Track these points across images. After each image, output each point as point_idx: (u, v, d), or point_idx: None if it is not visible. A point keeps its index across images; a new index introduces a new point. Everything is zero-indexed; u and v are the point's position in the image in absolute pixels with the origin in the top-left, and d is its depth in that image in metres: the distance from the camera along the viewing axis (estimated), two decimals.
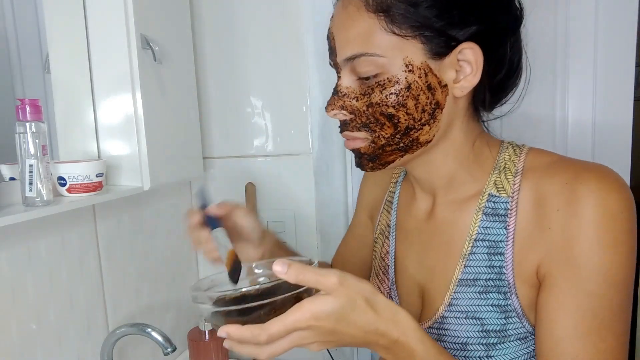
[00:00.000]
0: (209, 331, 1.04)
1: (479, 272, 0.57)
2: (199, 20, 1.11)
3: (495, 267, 0.56)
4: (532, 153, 0.59)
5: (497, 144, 0.61)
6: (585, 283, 0.50)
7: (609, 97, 0.94)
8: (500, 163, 0.59)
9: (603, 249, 0.49)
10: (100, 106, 0.88)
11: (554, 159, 0.56)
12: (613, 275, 0.49)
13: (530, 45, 0.97)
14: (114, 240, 0.93)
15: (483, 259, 0.57)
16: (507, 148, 0.60)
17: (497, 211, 0.57)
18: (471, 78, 0.53)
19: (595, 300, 0.49)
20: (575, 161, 0.55)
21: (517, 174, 0.57)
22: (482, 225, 0.58)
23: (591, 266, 0.49)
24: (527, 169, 0.57)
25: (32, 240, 0.75)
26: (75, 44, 0.86)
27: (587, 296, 0.50)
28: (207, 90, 1.14)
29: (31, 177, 0.68)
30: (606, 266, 0.49)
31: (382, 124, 0.54)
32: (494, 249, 0.57)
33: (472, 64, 0.52)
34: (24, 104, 0.68)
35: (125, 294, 0.96)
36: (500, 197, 0.57)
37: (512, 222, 0.56)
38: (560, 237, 0.51)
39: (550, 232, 0.52)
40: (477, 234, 0.58)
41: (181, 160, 1.01)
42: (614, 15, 0.92)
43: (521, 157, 0.58)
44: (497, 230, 0.57)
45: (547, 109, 0.98)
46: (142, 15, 0.86)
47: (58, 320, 0.80)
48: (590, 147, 0.96)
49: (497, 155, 0.60)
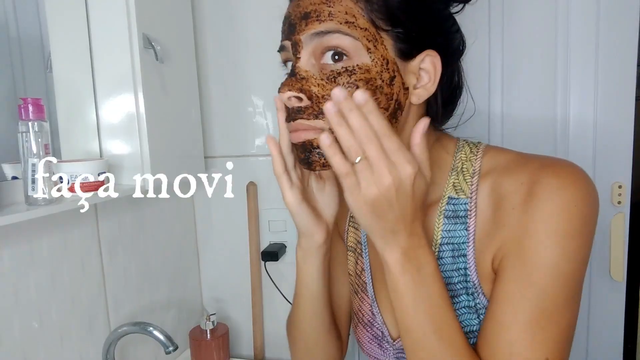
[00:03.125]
0: (210, 330, 1.04)
1: (448, 277, 0.57)
2: (201, 19, 1.11)
3: (460, 269, 0.57)
4: (489, 152, 0.58)
5: (453, 145, 0.61)
6: (531, 274, 0.49)
7: (611, 97, 0.94)
8: (457, 164, 0.59)
9: (552, 242, 0.49)
10: (102, 105, 0.88)
11: (511, 158, 0.56)
12: (560, 268, 0.49)
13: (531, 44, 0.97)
14: (116, 239, 0.93)
15: (449, 262, 0.57)
16: (463, 147, 0.60)
17: (457, 213, 0.57)
18: (430, 86, 0.53)
19: (540, 291, 0.49)
20: (533, 158, 0.54)
21: (475, 175, 0.57)
22: (444, 229, 0.58)
23: (539, 258, 0.49)
24: (484, 169, 0.57)
25: (34, 239, 0.75)
26: (78, 43, 0.86)
27: (531, 286, 0.49)
28: (209, 90, 1.14)
29: (33, 176, 0.68)
30: (554, 259, 0.49)
31: None
32: (457, 252, 0.57)
33: (430, 73, 0.53)
34: (27, 103, 0.68)
35: (127, 292, 0.96)
36: (460, 199, 0.57)
37: (472, 222, 0.56)
38: (514, 232, 0.51)
39: (505, 228, 0.53)
40: (441, 238, 0.58)
41: (183, 159, 1.01)
42: (615, 15, 0.92)
43: (478, 157, 0.58)
44: (459, 232, 0.57)
45: (548, 109, 0.98)
46: (144, 15, 0.86)
47: (60, 319, 0.80)
48: (592, 147, 0.96)
49: (454, 156, 0.59)
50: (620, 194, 0.96)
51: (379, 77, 0.51)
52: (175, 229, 1.12)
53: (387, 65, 0.51)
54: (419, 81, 0.54)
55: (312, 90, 0.51)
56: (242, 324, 1.20)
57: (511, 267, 0.51)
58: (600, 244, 0.99)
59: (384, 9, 0.50)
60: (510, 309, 0.50)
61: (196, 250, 1.21)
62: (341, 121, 0.46)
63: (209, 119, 1.15)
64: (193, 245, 1.20)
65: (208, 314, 1.05)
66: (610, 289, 1.00)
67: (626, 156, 0.95)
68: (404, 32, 0.51)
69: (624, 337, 1.01)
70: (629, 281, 1.01)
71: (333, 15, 0.50)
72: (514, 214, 0.52)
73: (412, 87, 0.54)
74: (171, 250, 1.10)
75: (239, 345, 1.22)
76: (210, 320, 1.05)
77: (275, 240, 1.14)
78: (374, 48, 0.50)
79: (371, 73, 0.50)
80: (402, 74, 0.52)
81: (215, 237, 1.19)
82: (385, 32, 0.51)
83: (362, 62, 0.50)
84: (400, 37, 0.51)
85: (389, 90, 0.51)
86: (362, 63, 0.50)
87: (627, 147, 0.95)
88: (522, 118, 0.99)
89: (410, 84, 0.53)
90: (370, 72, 0.50)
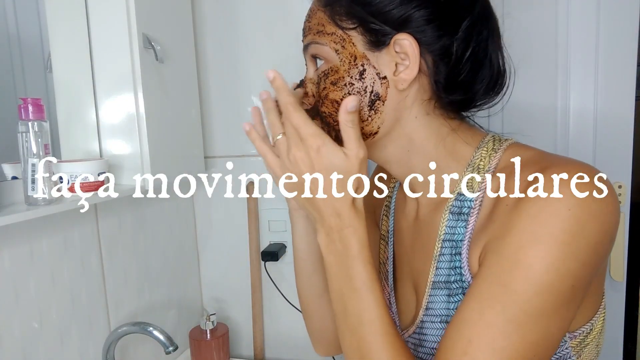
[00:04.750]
0: (210, 330, 1.04)
1: (446, 274, 0.56)
2: (201, 19, 1.11)
3: (456, 267, 0.55)
4: (511, 149, 0.55)
5: (477, 139, 0.57)
6: (504, 274, 0.46)
7: (611, 97, 0.94)
8: (475, 160, 0.56)
9: (532, 243, 0.44)
10: (102, 105, 0.88)
11: (530, 155, 0.53)
12: (537, 276, 0.44)
13: (532, 44, 0.97)
14: (116, 239, 0.93)
15: (447, 260, 0.56)
16: (487, 143, 0.56)
17: (462, 210, 0.55)
18: (409, 70, 0.52)
19: (510, 295, 0.45)
20: (551, 157, 0.51)
21: (489, 172, 0.54)
22: (448, 225, 0.56)
23: (515, 260, 0.45)
24: (501, 166, 0.54)
25: (34, 239, 0.75)
26: (77, 44, 0.86)
27: (502, 287, 0.45)
28: (209, 90, 1.14)
29: (33, 176, 0.68)
30: (532, 263, 0.44)
31: (330, 112, 0.55)
32: (455, 249, 0.55)
33: (408, 54, 0.52)
34: (27, 103, 0.68)
35: (127, 292, 0.96)
36: (467, 196, 0.55)
37: (471, 220, 0.54)
38: (499, 229, 0.49)
39: (493, 225, 0.50)
40: (444, 234, 0.56)
41: (183, 159, 1.01)
42: (615, 15, 0.92)
43: (498, 153, 0.55)
44: (459, 229, 0.55)
45: (549, 109, 0.98)
46: (144, 15, 0.86)
47: (60, 318, 0.80)
48: (592, 148, 0.96)
49: (474, 152, 0.56)
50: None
51: (346, 74, 0.54)
52: (175, 229, 1.12)
53: (355, 61, 0.53)
54: (400, 65, 0.53)
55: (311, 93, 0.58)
56: (242, 324, 1.20)
57: (487, 265, 0.48)
58: None
59: (344, 10, 0.53)
60: (477, 307, 0.47)
61: (196, 250, 1.21)
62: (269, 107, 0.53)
63: (209, 118, 1.15)
64: (193, 245, 1.20)
65: (208, 314, 1.05)
66: (610, 289, 0.99)
67: (626, 156, 0.95)
68: (365, 26, 0.53)
69: (624, 337, 1.01)
70: (629, 281, 1.01)
71: (310, 29, 0.56)
72: (505, 211, 0.49)
73: (391, 74, 0.53)
74: (171, 250, 1.10)
75: (239, 345, 1.22)
76: (210, 320, 1.05)
77: (275, 240, 1.14)
78: (342, 48, 0.54)
79: (339, 73, 0.54)
80: (374, 65, 0.53)
81: (215, 237, 1.19)
82: (352, 30, 0.53)
83: (333, 64, 0.55)
84: (365, 30, 0.53)
85: (360, 84, 0.53)
86: (334, 65, 0.54)
87: (627, 147, 0.95)
88: (522, 115, 0.99)
89: (389, 72, 0.53)
90: (338, 72, 0.54)
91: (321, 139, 0.50)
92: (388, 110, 0.54)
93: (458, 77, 0.54)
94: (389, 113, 0.55)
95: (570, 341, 0.51)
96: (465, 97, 0.55)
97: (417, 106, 0.55)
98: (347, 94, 0.53)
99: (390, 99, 0.54)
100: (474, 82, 0.54)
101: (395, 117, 0.55)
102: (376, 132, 0.55)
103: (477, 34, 0.53)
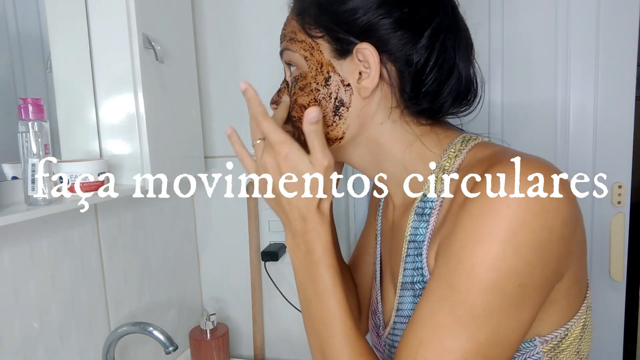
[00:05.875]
0: (210, 330, 1.05)
1: (411, 275, 0.57)
2: (201, 19, 1.11)
3: (418, 268, 0.55)
4: (475, 148, 0.55)
5: (448, 141, 0.57)
6: (451, 274, 0.46)
7: (611, 97, 0.94)
8: (443, 161, 0.56)
9: (474, 242, 0.44)
10: (102, 105, 0.88)
11: (489, 153, 0.53)
12: (479, 274, 0.44)
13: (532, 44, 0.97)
14: (116, 239, 0.93)
15: (411, 261, 0.57)
16: (455, 144, 0.56)
17: (424, 210, 0.56)
18: (370, 79, 0.54)
19: (456, 295, 0.45)
20: (505, 154, 0.50)
21: (452, 172, 0.54)
22: (413, 226, 0.57)
23: (458, 259, 0.45)
24: (463, 165, 0.54)
25: (34, 239, 0.75)
26: (78, 43, 0.86)
27: (449, 288, 0.46)
28: (209, 90, 1.14)
29: (33, 176, 0.68)
30: (472, 262, 0.44)
31: (299, 117, 0.57)
32: (418, 250, 0.56)
33: (369, 63, 0.53)
34: (27, 103, 0.68)
35: (127, 292, 0.96)
36: (429, 197, 0.56)
37: (432, 221, 0.54)
38: (448, 228, 0.49)
39: (446, 225, 0.51)
40: (409, 235, 0.57)
41: (183, 160, 1.01)
42: (615, 15, 0.92)
43: (462, 153, 0.55)
44: (421, 230, 0.55)
45: (549, 109, 0.98)
46: (144, 15, 0.86)
47: (60, 319, 0.80)
48: (592, 148, 0.96)
49: (442, 154, 0.56)
50: (620, 194, 0.96)
51: (313, 80, 0.56)
52: (175, 229, 1.12)
53: (321, 69, 0.56)
54: (363, 74, 0.54)
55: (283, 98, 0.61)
56: (242, 324, 1.20)
57: (438, 265, 0.49)
58: (600, 244, 0.99)
59: (313, 19, 0.56)
60: (428, 307, 0.47)
61: (196, 250, 1.21)
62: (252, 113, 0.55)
63: (209, 118, 1.15)
64: (193, 245, 1.20)
65: (208, 314, 1.05)
66: (610, 289, 1.00)
67: (626, 156, 0.95)
68: (331, 34, 0.55)
69: (624, 337, 1.01)
70: (629, 281, 1.01)
71: (285, 37, 0.59)
72: (455, 211, 0.49)
73: (355, 82, 0.55)
74: (171, 250, 1.10)
75: (239, 345, 1.22)
76: (210, 320, 1.05)
77: (275, 240, 1.14)
78: (310, 55, 0.56)
79: (307, 78, 0.56)
80: (339, 72, 0.55)
81: (215, 237, 1.19)
82: (319, 39, 0.56)
83: (302, 70, 0.57)
84: (331, 39, 0.55)
85: (325, 90, 0.56)
86: (303, 71, 0.57)
87: (627, 147, 0.95)
88: (522, 117, 1.00)
89: (352, 80, 0.55)
90: (306, 78, 0.57)
91: (288, 145, 0.52)
92: (352, 116, 0.56)
93: (422, 87, 0.54)
94: (353, 119, 0.56)
95: (542, 346, 0.50)
96: (431, 106, 0.55)
97: (381, 113, 0.56)
98: (313, 99, 0.56)
99: (354, 105, 0.56)
100: (439, 92, 0.55)
101: (359, 123, 0.57)
102: (341, 137, 0.57)
103: (441, 44, 0.53)
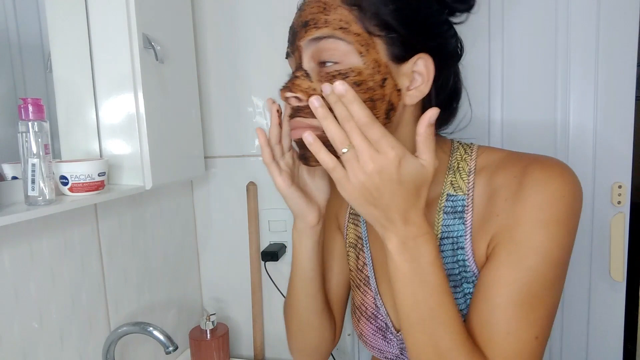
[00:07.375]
0: (210, 330, 1.05)
1: (449, 269, 0.61)
2: (201, 19, 1.11)
3: (459, 260, 0.61)
4: (482, 152, 0.63)
5: (448, 146, 0.65)
6: (523, 258, 0.53)
7: (610, 97, 0.94)
8: (453, 164, 0.63)
9: (543, 228, 0.53)
10: (102, 105, 0.88)
11: (504, 155, 0.61)
12: (550, 252, 0.53)
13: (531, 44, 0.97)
14: (116, 239, 0.93)
15: (449, 255, 0.62)
16: (458, 149, 0.65)
17: (455, 209, 0.61)
18: (422, 88, 0.56)
19: (531, 274, 0.53)
20: (524, 155, 0.59)
21: (471, 173, 0.61)
22: (444, 224, 0.62)
23: (530, 243, 0.53)
24: (479, 167, 0.61)
25: (34, 239, 0.75)
26: (77, 44, 0.86)
27: (524, 270, 0.53)
28: (209, 90, 1.14)
29: (33, 177, 0.68)
30: (544, 244, 0.53)
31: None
32: (456, 244, 0.61)
33: (423, 76, 0.56)
34: (27, 103, 0.68)
35: (127, 292, 0.96)
36: (457, 196, 0.61)
37: (469, 217, 0.60)
38: (506, 220, 0.55)
39: (498, 218, 0.57)
40: (441, 233, 0.62)
41: (183, 160, 1.01)
42: (615, 15, 0.92)
43: (472, 156, 0.63)
44: (457, 226, 0.61)
45: (548, 109, 0.98)
46: (144, 15, 0.86)
47: (60, 319, 0.80)
48: (592, 147, 0.96)
49: (450, 157, 0.64)
50: (620, 194, 0.96)
51: (370, 78, 0.53)
52: (175, 229, 1.12)
53: (378, 68, 0.54)
54: (412, 83, 0.56)
55: (309, 91, 0.56)
56: (242, 324, 1.20)
57: (504, 253, 0.55)
58: (600, 244, 0.99)
59: (376, 17, 0.53)
60: (505, 291, 0.53)
61: (196, 250, 1.21)
62: (325, 114, 0.50)
63: (209, 118, 1.15)
64: (193, 245, 1.20)
65: (208, 314, 1.05)
66: (610, 289, 1.00)
67: (626, 156, 0.95)
68: (396, 38, 0.54)
69: (624, 337, 1.01)
70: (629, 281, 1.01)
71: (329, 22, 0.54)
72: (506, 205, 0.56)
73: (405, 89, 0.56)
74: (171, 250, 1.10)
75: (239, 345, 1.22)
76: (210, 320, 1.05)
77: (275, 240, 1.14)
78: (367, 52, 0.53)
79: (363, 75, 0.53)
80: (394, 77, 0.55)
81: (215, 237, 1.19)
82: (377, 37, 0.54)
83: (355, 65, 0.53)
84: (393, 42, 0.54)
85: (380, 91, 0.54)
86: (355, 66, 0.53)
87: (627, 147, 0.95)
88: (522, 119, 1.00)
89: (403, 86, 0.56)
90: (362, 75, 0.53)
91: (402, 150, 0.49)
92: (396, 120, 0.58)
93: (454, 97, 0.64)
94: (394, 124, 0.58)
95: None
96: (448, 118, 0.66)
97: (411, 120, 0.60)
98: (369, 99, 0.54)
99: (399, 111, 0.57)
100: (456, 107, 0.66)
101: (394, 126, 0.59)
102: None
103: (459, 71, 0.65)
